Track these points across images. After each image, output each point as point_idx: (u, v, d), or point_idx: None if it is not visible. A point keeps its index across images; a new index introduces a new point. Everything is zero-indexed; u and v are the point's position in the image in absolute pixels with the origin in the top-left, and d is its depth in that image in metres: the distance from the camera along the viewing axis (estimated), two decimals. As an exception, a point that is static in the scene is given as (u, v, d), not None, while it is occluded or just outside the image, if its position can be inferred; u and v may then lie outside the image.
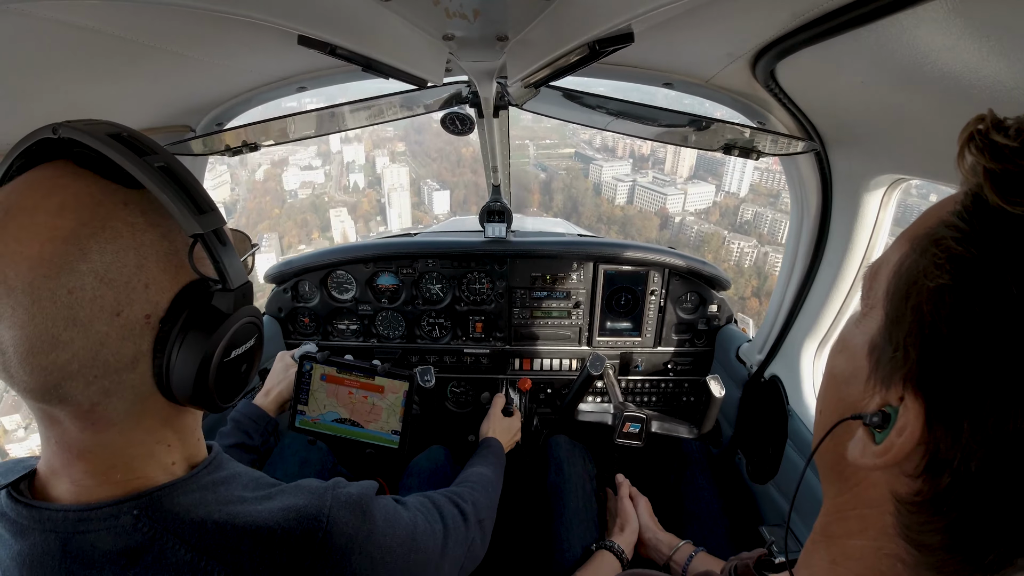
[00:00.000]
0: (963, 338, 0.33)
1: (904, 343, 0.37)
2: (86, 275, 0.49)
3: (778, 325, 1.58)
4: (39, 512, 0.53)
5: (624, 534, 1.39)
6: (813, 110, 1.12)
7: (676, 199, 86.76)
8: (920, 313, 0.36)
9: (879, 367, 0.40)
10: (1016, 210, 0.32)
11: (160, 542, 0.54)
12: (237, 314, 0.59)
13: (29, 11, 0.63)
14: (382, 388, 1.35)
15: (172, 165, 0.54)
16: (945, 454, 0.34)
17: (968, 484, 0.34)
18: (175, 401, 0.57)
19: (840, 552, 0.43)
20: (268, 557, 0.57)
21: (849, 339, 0.45)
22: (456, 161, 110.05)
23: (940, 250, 0.36)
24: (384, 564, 0.68)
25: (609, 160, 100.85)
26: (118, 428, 0.55)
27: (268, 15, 0.68)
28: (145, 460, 0.57)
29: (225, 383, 0.59)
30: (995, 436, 0.32)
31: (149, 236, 0.53)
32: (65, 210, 0.49)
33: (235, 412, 1.34)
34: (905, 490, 0.37)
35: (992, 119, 0.36)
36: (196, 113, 1.30)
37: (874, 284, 0.43)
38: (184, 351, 0.54)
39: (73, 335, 0.49)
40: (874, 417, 0.38)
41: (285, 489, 0.66)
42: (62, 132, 0.51)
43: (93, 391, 0.51)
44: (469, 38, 0.92)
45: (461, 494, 1.05)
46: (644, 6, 0.63)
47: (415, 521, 0.80)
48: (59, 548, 0.52)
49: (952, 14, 0.58)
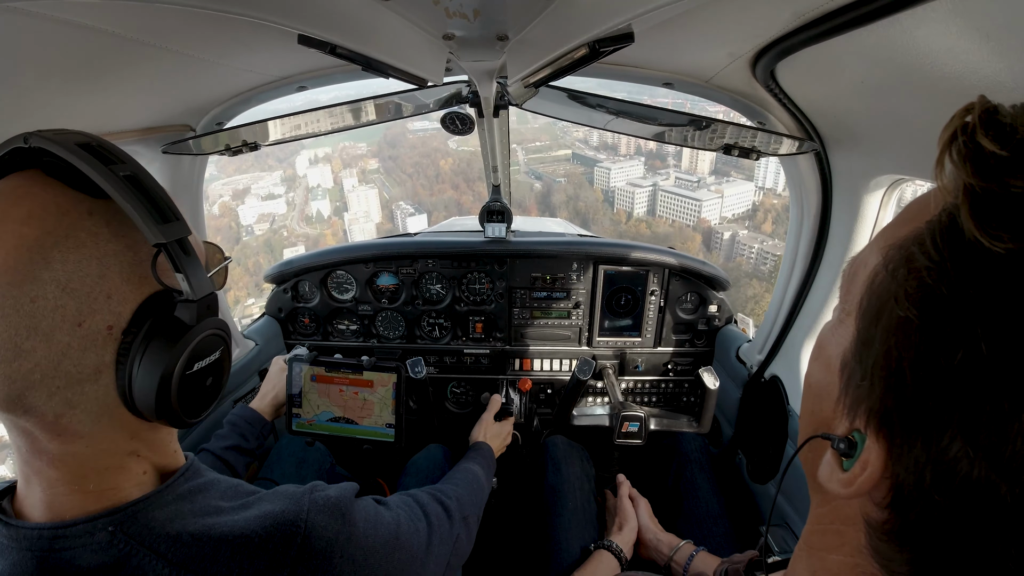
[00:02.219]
0: (926, 390, 0.30)
1: (871, 373, 0.33)
2: (48, 284, 0.49)
3: (778, 325, 1.58)
4: (17, 530, 0.53)
5: (623, 533, 1.39)
6: (813, 110, 1.12)
7: (712, 205, 69.29)
8: (888, 344, 0.32)
9: (848, 390, 0.37)
10: (995, 246, 0.26)
11: (136, 558, 0.53)
12: (200, 326, 0.58)
13: (29, 10, 0.63)
14: (371, 383, 1.35)
15: (139, 175, 0.54)
16: (909, 496, 0.32)
17: (934, 527, 0.31)
18: (140, 415, 0.56)
19: (820, 565, 0.42)
20: (247, 566, 0.57)
21: (824, 346, 0.42)
22: (434, 176, 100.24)
23: (911, 275, 0.31)
24: (367, 565, 0.68)
25: (615, 159, 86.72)
26: (85, 440, 0.54)
27: (268, 15, 0.68)
28: (116, 472, 0.57)
29: (189, 396, 0.58)
30: (959, 492, 0.29)
31: (113, 246, 0.53)
32: (31, 219, 0.49)
33: (231, 415, 1.36)
34: (875, 516, 0.35)
35: (982, 109, 0.30)
36: (196, 113, 1.30)
37: (851, 288, 0.39)
38: (146, 363, 0.53)
39: (35, 344, 0.48)
40: (841, 443, 0.36)
41: (263, 496, 0.66)
42: (32, 141, 0.50)
43: (56, 402, 0.51)
44: (469, 38, 0.92)
45: (445, 491, 1.05)
46: (644, 6, 0.63)
47: (398, 520, 0.80)
48: (35, 567, 0.52)
49: (952, 15, 0.58)
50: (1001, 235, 0.26)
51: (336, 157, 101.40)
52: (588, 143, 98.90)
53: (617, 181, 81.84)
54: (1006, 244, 0.26)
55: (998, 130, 0.28)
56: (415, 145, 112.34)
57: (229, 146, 1.35)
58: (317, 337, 2.09)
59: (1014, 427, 0.26)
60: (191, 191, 1.48)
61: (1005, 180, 0.27)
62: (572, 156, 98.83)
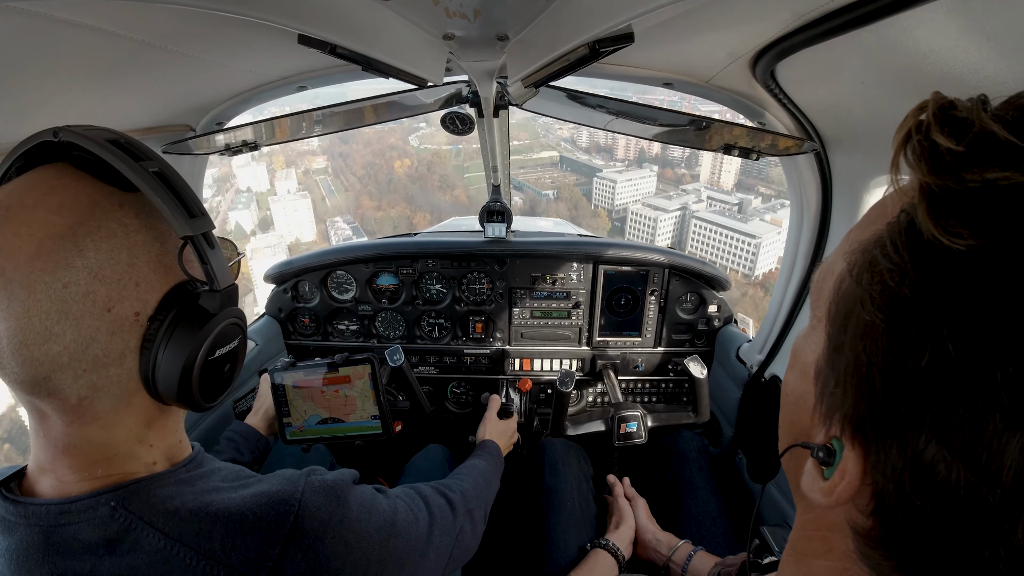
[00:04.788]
0: (896, 394, 0.29)
1: (843, 379, 0.33)
2: (80, 271, 0.51)
3: (778, 325, 1.58)
4: (25, 507, 0.55)
5: (620, 531, 1.39)
6: (813, 110, 1.12)
7: (772, 245, 47.77)
8: (857, 349, 0.32)
9: (823, 397, 0.36)
10: (955, 244, 0.26)
11: (135, 531, 0.55)
12: (222, 314, 0.61)
13: (30, 10, 0.63)
14: (348, 378, 1.36)
15: (166, 171, 0.57)
16: (890, 502, 0.31)
17: (918, 532, 0.30)
18: (159, 399, 0.58)
19: (807, 571, 0.42)
20: (240, 542, 0.58)
21: (799, 354, 0.42)
22: (387, 182, 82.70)
23: (874, 279, 0.31)
24: (360, 549, 0.68)
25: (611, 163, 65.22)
26: (102, 423, 0.56)
27: (268, 15, 0.68)
28: (126, 458, 0.59)
29: (209, 382, 0.61)
30: (939, 495, 0.28)
31: (142, 237, 0.56)
32: (64, 208, 0.52)
33: (228, 431, 1.39)
34: (861, 524, 0.34)
35: (936, 106, 0.29)
36: (196, 113, 1.31)
37: (820, 295, 0.39)
38: (170, 349, 0.56)
39: (65, 328, 0.51)
40: (820, 452, 0.36)
41: (262, 479, 0.67)
42: (63, 136, 0.53)
43: (81, 384, 0.53)
44: (469, 38, 0.92)
45: (448, 485, 1.05)
46: (644, 6, 0.63)
47: (395, 508, 0.80)
48: (42, 541, 0.54)
49: (952, 15, 0.58)
50: (960, 232, 0.26)
51: (278, 152, 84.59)
52: (576, 143, 79.63)
53: (624, 196, 59.44)
54: (966, 240, 0.26)
55: (953, 125, 0.28)
56: (369, 141, 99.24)
57: (229, 146, 1.35)
58: (317, 337, 2.09)
59: (988, 427, 0.26)
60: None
61: (961, 175, 0.26)
62: (560, 160, 79.69)
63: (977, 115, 0.27)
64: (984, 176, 0.26)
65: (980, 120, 0.27)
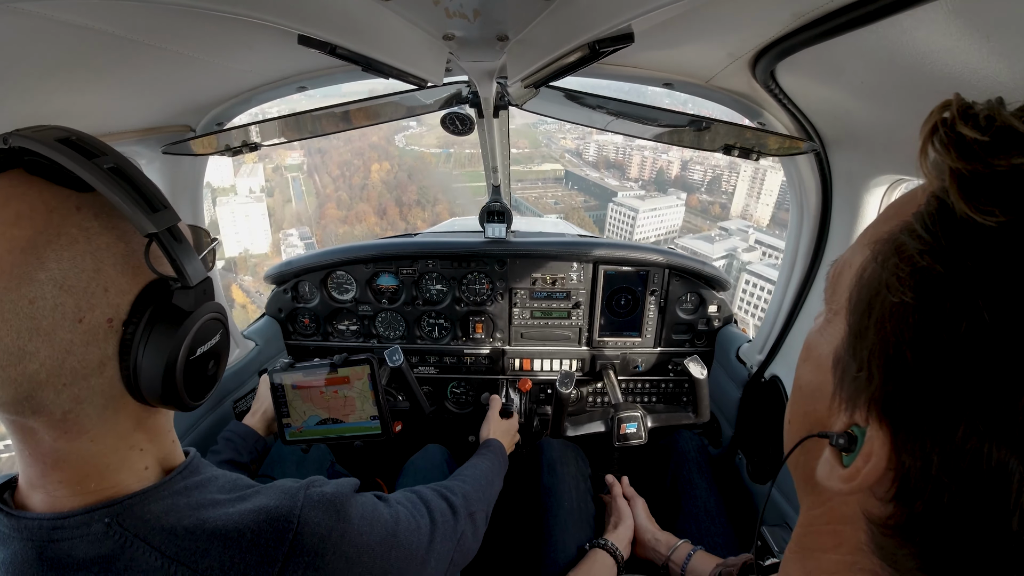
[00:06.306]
0: (930, 367, 0.30)
1: (868, 362, 0.34)
2: (45, 284, 0.49)
3: (778, 325, 1.58)
4: (18, 521, 0.54)
5: (618, 531, 1.39)
6: (813, 111, 1.12)
7: None
8: (883, 331, 0.32)
9: (844, 384, 0.36)
10: (987, 220, 0.28)
11: (131, 549, 0.54)
12: (199, 311, 0.59)
13: (29, 10, 0.63)
14: (347, 378, 1.36)
15: (122, 165, 0.54)
16: (915, 485, 0.31)
17: (942, 515, 0.31)
18: (145, 402, 0.57)
19: (815, 566, 0.42)
20: (238, 560, 0.57)
21: (813, 347, 0.42)
22: (360, 187, 75.55)
23: (903, 261, 0.32)
24: (361, 563, 0.68)
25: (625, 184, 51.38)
26: (90, 435, 0.55)
27: (268, 15, 0.68)
28: (118, 468, 0.57)
29: (194, 381, 0.60)
30: (968, 471, 0.29)
31: (104, 239, 0.53)
32: (21, 219, 0.48)
33: (226, 431, 1.38)
34: (878, 512, 0.35)
35: (959, 105, 0.31)
36: (196, 113, 1.30)
37: (837, 288, 0.40)
38: (149, 351, 0.54)
39: (38, 345, 0.49)
40: (840, 439, 0.36)
41: (260, 490, 0.66)
42: (12, 141, 0.50)
43: (64, 399, 0.51)
44: (469, 38, 0.92)
45: (451, 487, 1.04)
46: (644, 6, 0.63)
47: (397, 517, 0.79)
48: (36, 556, 0.53)
49: (952, 15, 0.58)
50: (992, 210, 0.28)
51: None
52: (581, 155, 65.57)
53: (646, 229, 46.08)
54: (998, 218, 0.28)
55: (976, 121, 0.30)
56: (351, 137, 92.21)
57: (229, 146, 1.35)
58: (317, 338, 2.09)
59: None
60: (191, 191, 1.48)
61: (989, 160, 0.29)
62: (565, 176, 66.89)
63: (998, 112, 0.30)
64: (1011, 162, 0.28)
65: (1001, 116, 0.30)
